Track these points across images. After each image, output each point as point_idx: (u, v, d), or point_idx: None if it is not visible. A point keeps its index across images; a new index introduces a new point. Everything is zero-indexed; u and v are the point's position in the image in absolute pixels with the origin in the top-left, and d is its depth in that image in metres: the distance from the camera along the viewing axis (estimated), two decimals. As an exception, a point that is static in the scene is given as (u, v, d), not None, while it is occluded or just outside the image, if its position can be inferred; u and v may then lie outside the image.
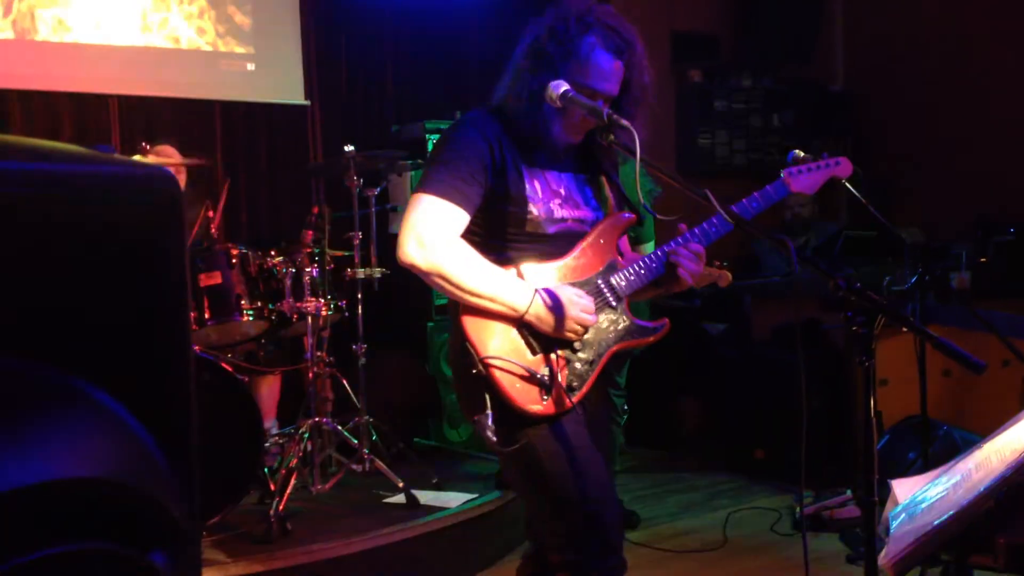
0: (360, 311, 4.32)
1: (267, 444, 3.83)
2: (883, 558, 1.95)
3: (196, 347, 3.78)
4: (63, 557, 1.00)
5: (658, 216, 2.39)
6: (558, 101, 2.24)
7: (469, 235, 2.26)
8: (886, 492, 2.16)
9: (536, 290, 2.23)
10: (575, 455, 2.26)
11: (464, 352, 2.23)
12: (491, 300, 2.20)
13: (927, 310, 3.74)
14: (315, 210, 4.37)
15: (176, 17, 5.17)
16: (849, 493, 4.32)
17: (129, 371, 1.11)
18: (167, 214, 1.14)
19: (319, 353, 4.24)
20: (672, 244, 2.39)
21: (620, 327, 2.36)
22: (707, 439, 5.69)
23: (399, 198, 5.02)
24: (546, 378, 2.23)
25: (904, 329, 2.08)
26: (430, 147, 4.95)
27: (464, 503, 4.02)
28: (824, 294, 4.82)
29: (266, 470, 3.95)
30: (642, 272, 2.37)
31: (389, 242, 3.60)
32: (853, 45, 7.42)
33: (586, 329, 2.27)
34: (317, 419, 4.15)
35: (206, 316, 3.88)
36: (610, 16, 2.31)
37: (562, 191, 2.36)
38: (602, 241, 2.38)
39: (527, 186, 2.29)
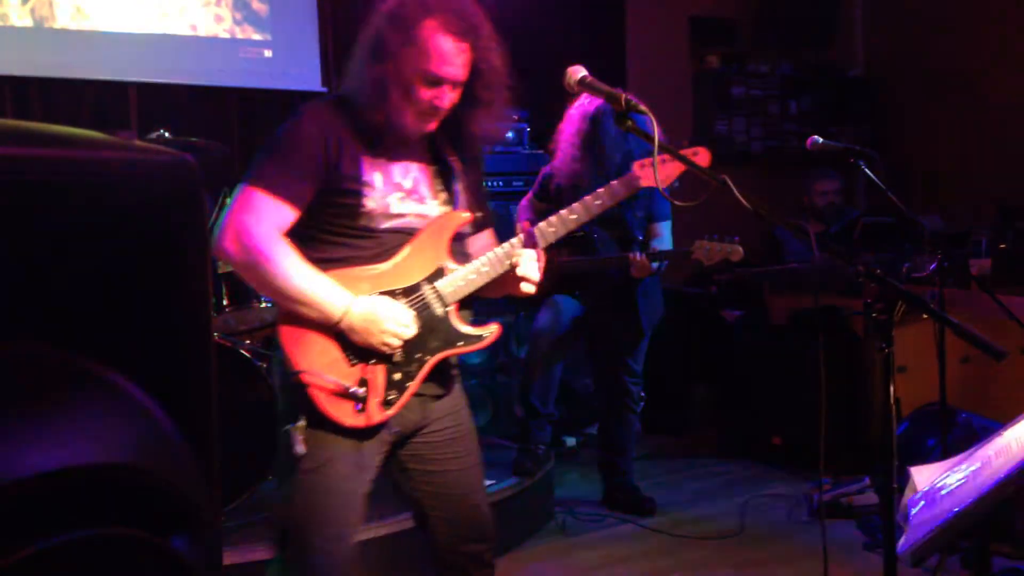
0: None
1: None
2: (902, 545, 1.94)
3: (215, 333, 3.79)
4: (84, 542, 1.00)
5: (676, 202, 2.37)
6: (576, 87, 2.22)
7: (297, 226, 2.16)
8: (905, 479, 2.15)
9: (352, 300, 2.14)
10: (348, 499, 2.22)
11: (281, 361, 2.17)
12: (305, 305, 2.12)
13: (946, 297, 3.72)
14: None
15: (194, 4, 5.18)
16: (867, 480, 4.30)
17: (149, 357, 1.11)
18: (188, 201, 1.14)
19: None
20: (506, 246, 2.30)
21: (445, 335, 2.26)
22: (724, 426, 5.68)
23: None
24: (361, 391, 2.15)
25: (923, 316, 2.07)
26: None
27: (482, 489, 4.02)
28: (843, 280, 4.80)
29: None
30: (472, 278, 2.27)
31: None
32: (873, 30, 7.36)
33: (403, 343, 2.18)
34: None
35: (224, 303, 3.90)
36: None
37: (407, 184, 2.26)
38: (432, 242, 2.27)
39: (365, 179, 2.18)
